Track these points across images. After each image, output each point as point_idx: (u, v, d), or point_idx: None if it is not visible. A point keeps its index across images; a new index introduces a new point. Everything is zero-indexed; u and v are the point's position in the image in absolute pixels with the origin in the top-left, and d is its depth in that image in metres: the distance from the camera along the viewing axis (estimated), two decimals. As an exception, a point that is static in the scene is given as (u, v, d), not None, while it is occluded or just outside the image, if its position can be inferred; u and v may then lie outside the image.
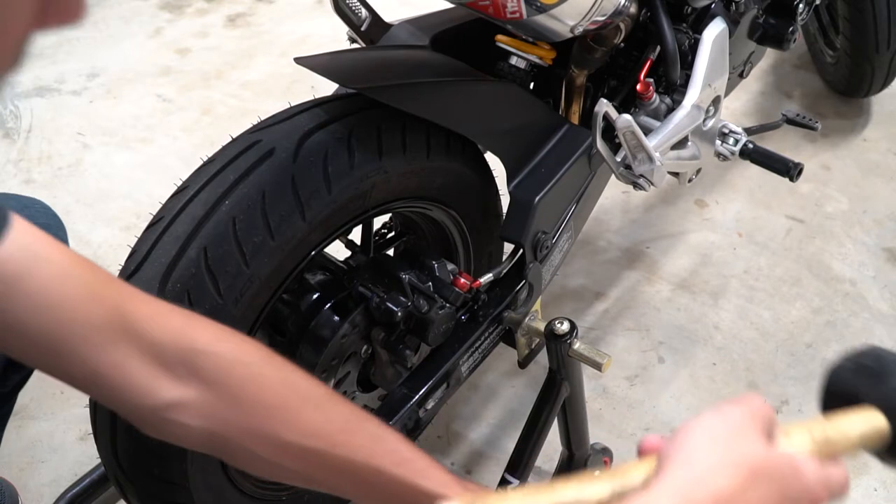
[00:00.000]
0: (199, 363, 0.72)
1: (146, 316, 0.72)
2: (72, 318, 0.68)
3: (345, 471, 0.75)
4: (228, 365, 0.74)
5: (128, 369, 0.71)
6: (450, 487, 0.76)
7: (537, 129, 1.22)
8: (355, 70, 1.09)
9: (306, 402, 0.76)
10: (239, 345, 0.76)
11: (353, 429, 0.76)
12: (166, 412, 0.72)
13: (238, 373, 0.74)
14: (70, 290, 0.68)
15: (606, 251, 1.87)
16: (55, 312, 0.68)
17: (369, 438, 0.76)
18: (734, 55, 1.41)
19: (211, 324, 0.76)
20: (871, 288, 1.77)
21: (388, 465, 0.75)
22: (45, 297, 0.67)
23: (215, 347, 0.74)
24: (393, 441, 0.77)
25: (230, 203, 0.94)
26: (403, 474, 0.75)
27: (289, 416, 0.74)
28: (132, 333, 0.71)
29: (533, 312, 1.27)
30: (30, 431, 1.52)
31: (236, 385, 0.73)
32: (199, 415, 0.73)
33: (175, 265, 0.93)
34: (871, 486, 1.45)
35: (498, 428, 1.56)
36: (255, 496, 1.16)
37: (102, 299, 0.70)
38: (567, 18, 1.10)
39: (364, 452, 0.75)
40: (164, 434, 0.75)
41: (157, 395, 0.72)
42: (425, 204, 1.18)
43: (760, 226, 1.91)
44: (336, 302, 1.12)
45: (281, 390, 0.75)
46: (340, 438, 0.75)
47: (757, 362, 1.64)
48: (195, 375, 0.72)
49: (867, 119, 2.18)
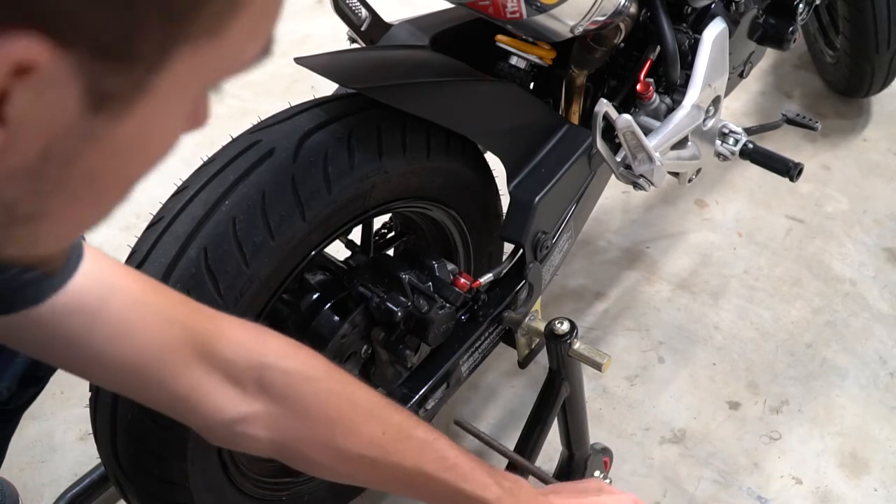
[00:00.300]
0: (268, 379, 0.77)
1: (216, 334, 0.75)
2: (148, 345, 0.71)
3: (395, 474, 0.82)
4: (295, 381, 0.78)
5: (203, 389, 0.74)
6: (489, 490, 0.83)
7: (537, 129, 1.22)
8: (355, 70, 1.09)
9: (365, 414, 0.81)
10: (305, 360, 0.80)
11: (405, 437, 0.82)
12: (236, 426, 0.77)
13: (304, 388, 0.78)
14: (145, 317, 0.71)
15: (606, 251, 1.87)
16: (133, 340, 0.70)
17: (419, 445, 0.82)
18: (734, 55, 1.41)
19: (278, 337, 0.80)
20: (871, 288, 1.77)
21: (435, 471, 0.82)
22: (123, 328, 0.70)
23: (283, 363, 0.78)
24: (440, 447, 0.83)
25: (230, 203, 0.95)
26: (448, 478, 0.82)
27: (349, 428, 0.80)
28: (204, 353, 0.74)
29: (533, 312, 1.27)
30: (30, 431, 1.52)
31: (302, 400, 0.78)
32: (267, 427, 0.77)
33: (175, 265, 0.93)
34: (871, 487, 1.45)
35: (498, 428, 1.56)
36: (255, 496, 1.16)
37: (175, 323, 0.73)
38: (567, 18, 1.10)
39: (413, 459, 0.82)
40: (233, 445, 0.80)
41: (228, 411, 0.75)
42: (425, 204, 1.18)
43: (760, 226, 1.91)
44: (336, 302, 1.12)
45: (342, 404, 0.80)
46: (393, 447, 0.81)
47: (757, 362, 1.64)
48: (264, 391, 0.77)
49: (867, 119, 2.18)
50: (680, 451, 1.51)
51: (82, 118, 0.36)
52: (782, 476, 1.47)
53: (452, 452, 0.84)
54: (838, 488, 1.45)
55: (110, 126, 0.37)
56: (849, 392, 1.59)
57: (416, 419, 0.85)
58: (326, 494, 1.28)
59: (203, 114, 0.44)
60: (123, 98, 0.36)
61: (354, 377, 0.84)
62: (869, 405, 1.57)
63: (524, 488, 0.87)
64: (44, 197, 0.39)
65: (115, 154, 0.39)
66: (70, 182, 0.39)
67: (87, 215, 0.43)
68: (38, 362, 0.95)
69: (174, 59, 0.36)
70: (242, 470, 1.13)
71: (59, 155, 0.37)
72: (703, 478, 1.47)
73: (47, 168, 0.37)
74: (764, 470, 1.48)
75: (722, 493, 1.45)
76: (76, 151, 0.37)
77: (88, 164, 0.38)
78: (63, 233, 0.44)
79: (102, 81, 0.35)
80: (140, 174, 0.43)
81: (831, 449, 1.51)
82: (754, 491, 1.45)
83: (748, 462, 1.49)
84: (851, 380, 1.61)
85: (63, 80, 0.34)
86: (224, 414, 0.75)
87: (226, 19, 0.36)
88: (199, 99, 0.43)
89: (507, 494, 0.84)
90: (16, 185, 0.38)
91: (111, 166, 0.40)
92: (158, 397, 0.75)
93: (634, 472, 1.48)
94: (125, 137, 0.38)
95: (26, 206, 0.39)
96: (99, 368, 0.72)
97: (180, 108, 0.40)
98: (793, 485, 1.46)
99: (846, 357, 1.65)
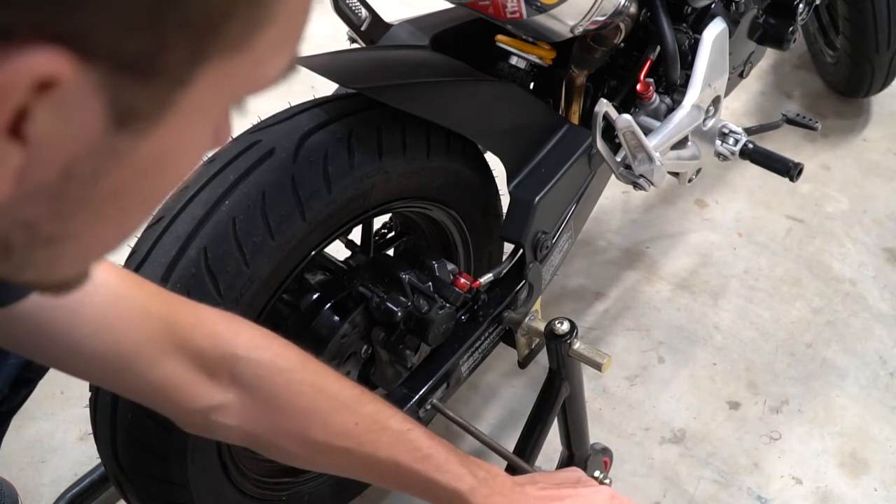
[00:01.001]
0: (240, 369, 0.78)
1: (192, 325, 0.77)
2: (127, 338, 0.73)
3: (369, 464, 0.83)
4: (267, 372, 0.79)
5: (179, 379, 0.76)
6: (463, 480, 0.83)
7: (537, 129, 1.22)
8: (355, 70, 1.09)
9: (338, 405, 0.82)
10: (278, 351, 0.81)
11: (379, 428, 0.83)
12: (210, 414, 0.78)
13: (276, 379, 0.80)
14: (125, 311, 0.73)
15: (606, 251, 1.87)
16: (114, 334, 0.72)
17: (393, 436, 0.83)
18: (734, 55, 1.41)
19: (253, 328, 0.81)
20: (871, 288, 1.77)
21: (409, 461, 0.82)
22: (104, 322, 0.71)
23: (255, 354, 0.79)
24: (415, 437, 0.84)
25: (230, 203, 0.95)
26: (421, 469, 0.83)
27: (320, 419, 0.81)
28: (180, 344, 0.75)
29: (533, 312, 1.27)
30: (30, 431, 1.52)
31: (273, 390, 0.79)
32: (239, 417, 0.79)
33: (175, 265, 0.93)
34: (871, 486, 1.45)
35: (498, 428, 1.56)
36: (255, 496, 1.16)
37: (153, 315, 0.74)
38: (567, 18, 1.10)
39: (387, 449, 0.82)
40: (206, 433, 0.82)
41: (202, 400, 0.77)
42: (425, 204, 1.18)
43: (760, 226, 1.91)
44: (336, 302, 1.12)
45: (315, 395, 0.81)
46: (366, 438, 0.82)
47: (757, 362, 1.64)
48: (236, 381, 0.78)
49: (867, 119, 2.18)
50: (680, 451, 1.51)
51: (105, 135, 0.35)
52: (782, 476, 1.47)
53: (427, 443, 0.84)
54: (838, 488, 1.45)
55: (133, 144, 0.36)
56: (849, 392, 1.59)
57: (390, 410, 0.85)
58: (327, 494, 1.28)
59: (226, 131, 0.44)
60: (147, 115, 0.36)
61: (330, 368, 0.85)
62: (869, 405, 1.57)
63: (499, 478, 0.87)
64: (66, 218, 0.38)
65: (139, 172, 0.38)
66: (93, 202, 0.38)
67: (110, 236, 0.43)
68: (29, 364, 0.96)
69: (199, 74, 0.35)
70: (242, 470, 1.13)
71: (82, 174, 0.36)
72: (703, 478, 1.47)
73: (69, 188, 0.36)
74: (764, 470, 1.48)
75: (722, 493, 1.45)
76: (99, 170, 0.37)
77: (111, 184, 0.38)
78: (85, 255, 0.43)
79: (126, 97, 0.34)
80: (163, 193, 0.42)
81: (831, 449, 1.51)
82: (754, 491, 1.45)
83: (748, 462, 1.49)
84: (851, 380, 1.61)
85: (86, 95, 0.33)
86: (198, 403, 0.77)
87: (252, 34, 0.36)
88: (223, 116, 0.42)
89: (481, 485, 0.84)
90: (37, 205, 0.37)
91: (135, 185, 0.39)
92: (136, 387, 0.77)
93: (634, 472, 1.48)
94: (149, 155, 0.38)
95: (48, 227, 0.38)
96: (78, 361, 0.73)
97: (204, 125, 0.40)
98: (793, 485, 1.46)
99: (846, 357, 1.65)
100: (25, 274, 0.41)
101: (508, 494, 0.85)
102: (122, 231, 0.43)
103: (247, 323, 0.82)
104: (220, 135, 0.43)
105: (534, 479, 0.91)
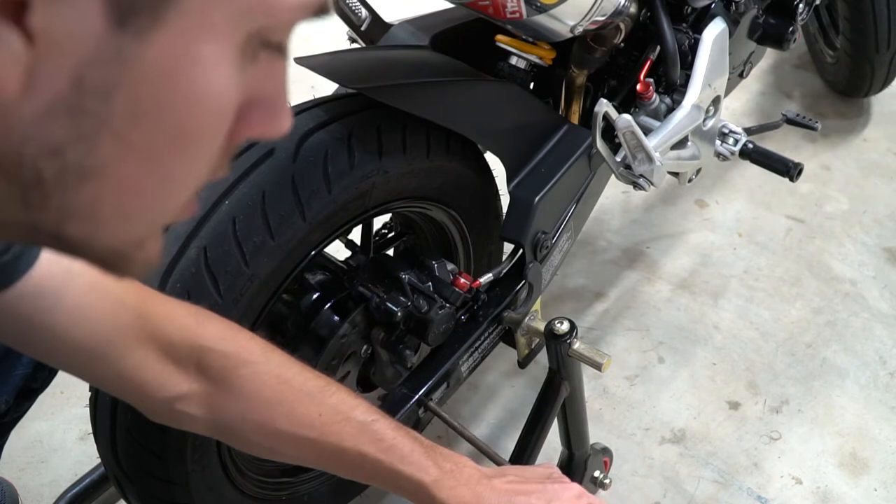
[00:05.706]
0: (206, 360, 0.80)
1: (162, 316, 0.78)
2: (102, 327, 0.74)
3: (333, 455, 0.84)
4: (232, 363, 0.81)
5: (147, 369, 0.77)
6: (427, 472, 0.84)
7: (537, 129, 1.22)
8: (355, 70, 1.09)
9: (301, 396, 0.83)
10: (243, 343, 0.82)
11: (342, 419, 0.84)
12: (175, 403, 0.80)
13: (240, 371, 0.81)
14: (100, 300, 0.74)
15: (606, 251, 1.87)
16: (89, 323, 0.73)
17: (357, 427, 0.84)
18: (734, 55, 1.41)
19: (219, 321, 0.83)
20: (871, 288, 1.77)
21: (373, 452, 0.83)
22: (81, 311, 0.72)
23: (221, 346, 0.81)
24: (379, 428, 0.85)
25: (230, 203, 0.95)
26: (385, 459, 0.84)
27: (284, 409, 0.82)
28: (150, 334, 0.77)
29: (533, 312, 1.27)
30: (30, 431, 1.52)
31: (238, 381, 0.81)
32: (204, 406, 0.81)
33: (175, 265, 0.93)
34: (871, 486, 1.45)
35: (498, 428, 1.56)
36: (255, 496, 1.16)
37: (126, 306, 0.75)
38: (567, 18, 1.10)
39: (352, 440, 0.83)
40: (172, 422, 0.83)
41: (168, 390, 0.79)
42: (425, 204, 1.18)
43: (760, 226, 1.91)
44: (336, 302, 1.12)
45: (279, 386, 0.82)
46: (330, 429, 0.83)
47: (757, 362, 1.64)
48: (202, 371, 0.80)
49: (867, 119, 2.18)
50: (680, 451, 1.51)
51: (108, 34, 0.35)
52: (782, 476, 1.47)
53: (391, 434, 0.85)
54: (838, 488, 1.45)
55: (138, 47, 0.36)
56: (849, 392, 1.59)
57: (355, 401, 0.86)
58: (326, 494, 1.28)
59: (262, 58, 0.41)
60: (149, 11, 0.35)
61: (295, 360, 0.86)
62: (869, 405, 1.57)
63: (466, 469, 0.87)
64: (91, 142, 0.37)
65: (150, 88, 0.37)
66: (113, 120, 0.37)
67: (145, 179, 0.40)
68: (34, 375, 0.97)
69: None
70: (242, 470, 1.13)
71: (93, 83, 0.36)
72: (703, 478, 1.47)
73: (84, 100, 0.36)
74: (764, 470, 1.48)
75: (722, 493, 1.45)
76: (109, 80, 0.36)
77: (125, 100, 0.37)
78: (126, 205, 0.41)
79: None
80: (188, 130, 0.39)
81: (831, 449, 1.51)
82: (754, 491, 1.45)
83: (748, 462, 1.49)
84: (851, 380, 1.61)
85: None
86: (165, 392, 0.79)
87: None
88: (245, 43, 0.40)
89: (446, 476, 0.84)
90: (57, 121, 0.36)
91: (150, 105, 0.38)
92: (106, 375, 0.78)
93: (634, 472, 1.48)
94: (156, 64, 0.37)
95: (74, 153, 0.37)
96: (53, 349, 0.75)
97: (214, 36, 0.38)
98: (793, 485, 1.46)
99: (846, 357, 1.65)
100: (69, 226, 0.40)
101: (474, 486, 0.85)
102: (156, 173, 0.40)
103: (213, 316, 0.83)
104: (254, 58, 0.41)
105: (503, 472, 0.91)
